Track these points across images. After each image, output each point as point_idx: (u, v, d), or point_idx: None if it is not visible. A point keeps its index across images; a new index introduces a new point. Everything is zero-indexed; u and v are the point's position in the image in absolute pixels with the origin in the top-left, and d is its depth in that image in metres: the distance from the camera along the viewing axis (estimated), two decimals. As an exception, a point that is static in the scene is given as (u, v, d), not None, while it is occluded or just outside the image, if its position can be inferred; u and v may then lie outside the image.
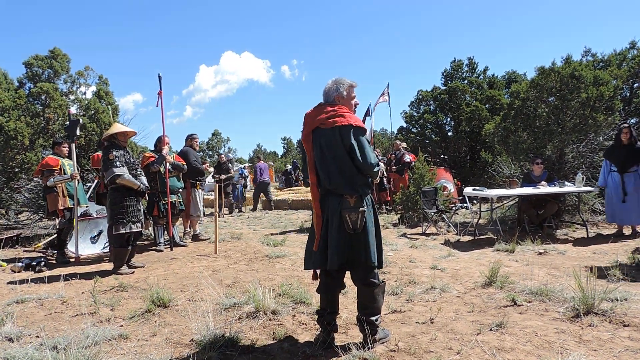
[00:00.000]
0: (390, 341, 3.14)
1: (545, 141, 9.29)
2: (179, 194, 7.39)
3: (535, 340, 3.08)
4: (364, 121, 6.63)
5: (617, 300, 3.67)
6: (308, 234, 3.23)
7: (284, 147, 61.20)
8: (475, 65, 18.91)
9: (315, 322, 3.29)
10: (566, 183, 7.73)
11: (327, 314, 3.14)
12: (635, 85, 13.15)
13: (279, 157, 55.29)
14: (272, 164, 33.13)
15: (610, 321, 3.32)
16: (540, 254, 5.90)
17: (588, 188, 7.40)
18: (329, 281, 3.15)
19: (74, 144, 6.56)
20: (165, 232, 7.36)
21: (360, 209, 2.96)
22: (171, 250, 7.01)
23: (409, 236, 7.85)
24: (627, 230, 7.26)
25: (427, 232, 8.23)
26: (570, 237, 7.34)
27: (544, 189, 7.46)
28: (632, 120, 11.36)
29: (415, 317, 3.64)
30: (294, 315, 3.70)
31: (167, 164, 6.99)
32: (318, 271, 3.19)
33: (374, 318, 3.07)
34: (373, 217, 3.11)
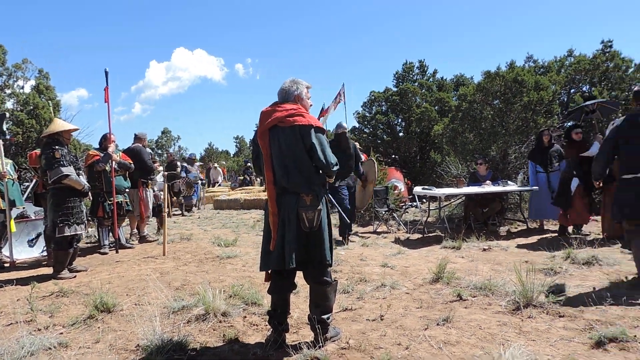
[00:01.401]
0: (342, 339, 3.17)
1: (490, 142, 9.70)
2: (125, 194, 7.11)
3: (479, 333, 3.21)
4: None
5: (554, 292, 3.88)
6: (262, 234, 3.20)
7: (236, 146, 60.44)
8: (425, 68, 19.47)
9: (267, 323, 3.26)
10: (509, 182, 8.11)
11: (279, 314, 3.12)
12: (572, 90, 13.97)
13: (231, 156, 54.50)
14: (224, 163, 32.60)
15: (547, 312, 3.51)
16: (484, 250, 6.15)
17: (529, 187, 7.79)
18: (281, 281, 3.14)
19: (0, 141, 6.14)
20: (110, 234, 7.06)
21: (318, 207, 2.98)
22: (116, 252, 6.73)
23: (360, 235, 7.95)
24: (548, 226, 7.94)
25: (378, 230, 8.38)
26: (513, 233, 7.69)
27: (488, 188, 7.79)
28: (568, 124, 12.04)
29: (365, 314, 3.69)
30: (245, 317, 3.66)
31: (114, 162, 6.71)
32: (270, 271, 3.17)
33: (325, 317, 3.09)
34: (326, 215, 3.13)
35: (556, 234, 7.21)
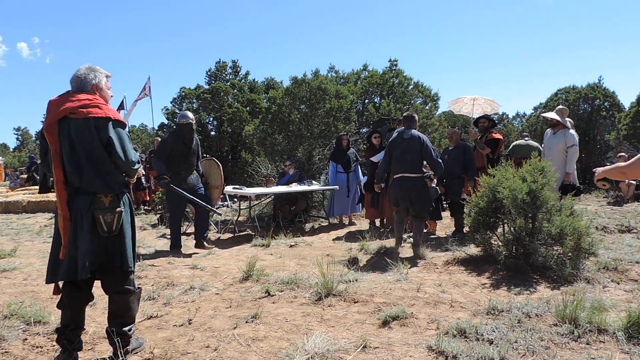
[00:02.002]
0: (145, 350, 2.95)
1: (297, 144, 10.31)
2: None
3: (286, 325, 3.36)
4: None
5: (350, 281, 4.32)
6: (51, 241, 2.76)
7: (17, 139, 51.38)
8: (238, 69, 19.65)
9: (55, 343, 2.83)
10: (313, 182, 8.76)
11: (70, 331, 2.74)
12: (367, 101, 15.85)
13: (11, 150, 46.12)
14: (1, 158, 27.29)
15: (345, 300, 3.88)
16: (291, 246, 6.49)
17: (331, 186, 8.53)
18: (75, 293, 2.77)
19: None
20: None
21: (117, 209, 2.72)
22: None
23: (168, 237, 7.57)
24: (345, 220, 8.84)
25: (187, 231, 8.10)
26: (317, 229, 8.31)
27: (295, 187, 8.27)
28: (363, 130, 13.61)
29: (173, 320, 3.52)
30: (26, 339, 3.12)
31: None
32: (61, 283, 2.76)
33: (127, 328, 2.84)
34: (130, 218, 2.88)
35: (354, 228, 8.07)
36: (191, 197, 6.05)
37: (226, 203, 8.96)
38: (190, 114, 6.41)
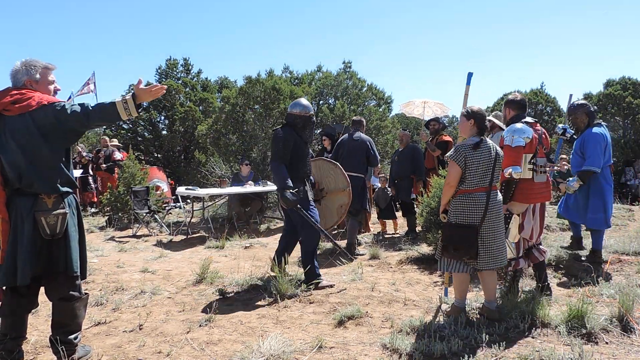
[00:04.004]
0: (92, 357, 2.84)
1: (252, 144, 10.22)
2: None
3: (241, 328, 3.32)
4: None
5: (306, 282, 4.32)
6: None
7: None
8: (190, 67, 19.20)
9: (-9, 354, 2.66)
10: (268, 183, 8.69)
11: (9, 340, 2.60)
12: (321, 102, 15.93)
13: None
14: None
15: (300, 301, 3.88)
16: (246, 247, 6.42)
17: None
18: (16, 300, 2.62)
19: None
20: None
21: (61, 210, 2.58)
22: None
23: (117, 239, 7.30)
24: None
25: (138, 234, 7.83)
26: (272, 230, 8.26)
27: (250, 188, 8.18)
28: (317, 131, 13.65)
29: (122, 325, 3.40)
30: (-42, 351, 2.90)
31: None
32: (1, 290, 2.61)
33: (72, 336, 2.72)
34: (76, 220, 2.76)
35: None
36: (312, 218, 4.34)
37: (179, 204, 8.73)
38: (307, 103, 4.80)
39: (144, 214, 8.19)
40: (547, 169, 3.80)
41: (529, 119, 3.81)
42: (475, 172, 3.25)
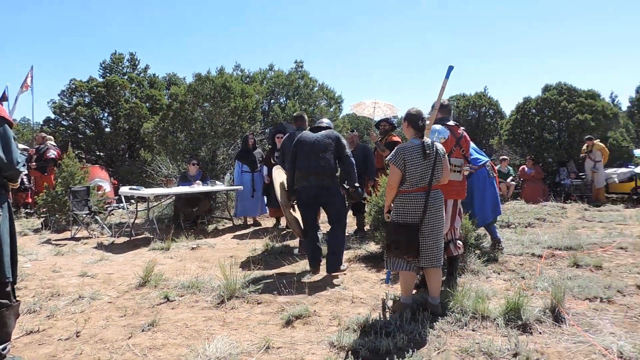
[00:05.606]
0: (23, 368, 2.66)
1: (200, 143, 9.99)
2: None
3: (186, 331, 3.23)
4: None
5: (254, 283, 4.27)
6: None
7: None
8: (137, 62, 18.48)
9: None
10: (217, 182, 8.53)
11: None
12: (272, 101, 15.82)
13: None
14: None
15: (248, 302, 3.83)
16: (193, 249, 6.25)
17: (235, 187, 8.37)
18: None
19: None
20: None
21: None
22: None
23: (54, 242, 6.90)
24: (250, 220, 8.71)
25: (77, 236, 7.45)
26: (220, 230, 8.11)
27: (198, 187, 7.99)
28: (267, 130, 13.56)
29: (57, 333, 3.22)
30: None
31: None
32: None
33: (0, 347, 2.53)
34: (9, 223, 2.58)
35: (259, 228, 8.02)
36: None
37: (122, 204, 8.37)
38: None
39: (84, 215, 7.80)
40: (463, 168, 4.19)
41: (451, 123, 4.23)
42: (414, 173, 3.35)
